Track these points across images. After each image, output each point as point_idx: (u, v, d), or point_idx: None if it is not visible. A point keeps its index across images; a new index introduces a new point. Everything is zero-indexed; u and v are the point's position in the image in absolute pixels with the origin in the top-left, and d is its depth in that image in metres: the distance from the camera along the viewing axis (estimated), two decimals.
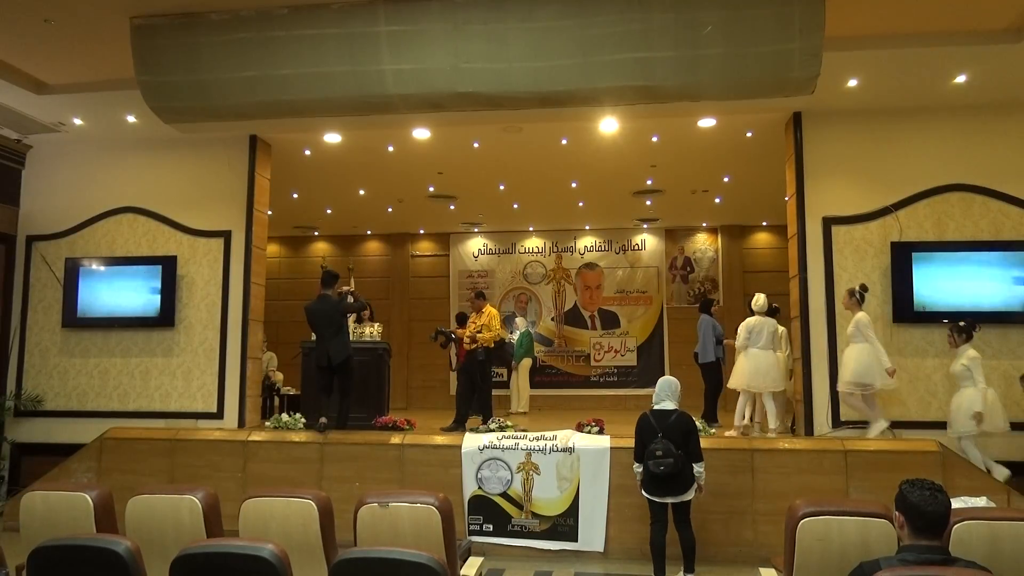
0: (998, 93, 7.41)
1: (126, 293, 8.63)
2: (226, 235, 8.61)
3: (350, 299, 8.08)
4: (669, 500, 5.60)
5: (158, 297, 8.52)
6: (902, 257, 7.57)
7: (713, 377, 8.99)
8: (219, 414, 8.31)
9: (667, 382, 5.84)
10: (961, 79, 7.08)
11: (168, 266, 8.56)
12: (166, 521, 3.83)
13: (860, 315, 7.10)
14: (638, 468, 5.70)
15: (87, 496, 3.88)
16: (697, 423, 7.09)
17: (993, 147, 7.67)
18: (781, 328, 8.10)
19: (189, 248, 8.69)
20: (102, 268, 8.74)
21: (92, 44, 6.73)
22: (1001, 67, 6.84)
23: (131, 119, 8.15)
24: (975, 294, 7.48)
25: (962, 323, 6.84)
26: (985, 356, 6.90)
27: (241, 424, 8.24)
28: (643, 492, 5.68)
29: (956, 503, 3.96)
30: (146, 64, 6.44)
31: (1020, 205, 7.57)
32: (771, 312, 7.88)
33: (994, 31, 6.42)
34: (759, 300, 7.73)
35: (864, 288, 7.27)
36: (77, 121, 8.34)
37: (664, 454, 5.45)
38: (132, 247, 8.81)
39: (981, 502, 5.10)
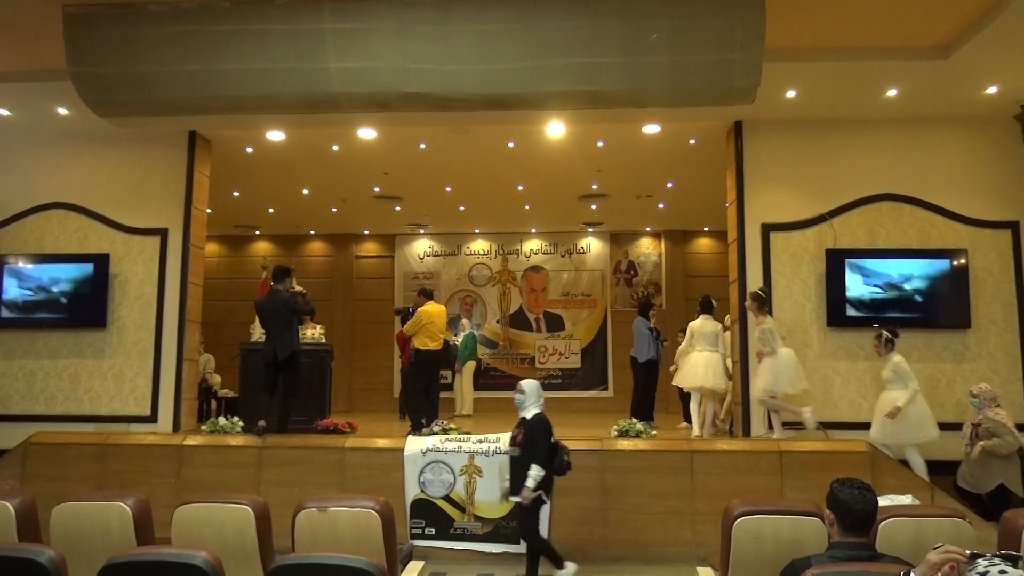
0: (926, 107, 7.73)
1: (55, 292, 8.30)
2: (162, 233, 8.37)
3: (301, 300, 7.87)
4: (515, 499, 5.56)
5: (89, 297, 8.21)
6: (836, 263, 7.83)
7: (650, 377, 9.14)
8: (153, 418, 8.06)
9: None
10: (892, 93, 7.36)
11: (100, 264, 8.27)
12: (94, 529, 3.69)
13: (768, 324, 7.22)
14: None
15: (8, 504, 3.71)
16: (639, 425, 7.25)
17: (921, 159, 8.01)
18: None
19: (123, 246, 8.41)
20: (29, 266, 8.39)
21: (20, 32, 6.44)
22: (929, 83, 7.14)
23: (63, 111, 7.85)
24: (904, 300, 7.78)
25: (885, 334, 6.93)
26: (911, 360, 7.17)
27: (176, 428, 8.01)
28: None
29: (883, 501, 4.10)
30: (79, 55, 6.20)
31: (945, 215, 7.91)
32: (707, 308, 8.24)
33: (923, 48, 6.69)
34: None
35: (764, 291, 7.48)
36: (3, 112, 7.98)
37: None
38: (62, 244, 8.48)
39: (907, 500, 5.28)
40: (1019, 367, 7.67)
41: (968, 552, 2.08)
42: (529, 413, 5.64)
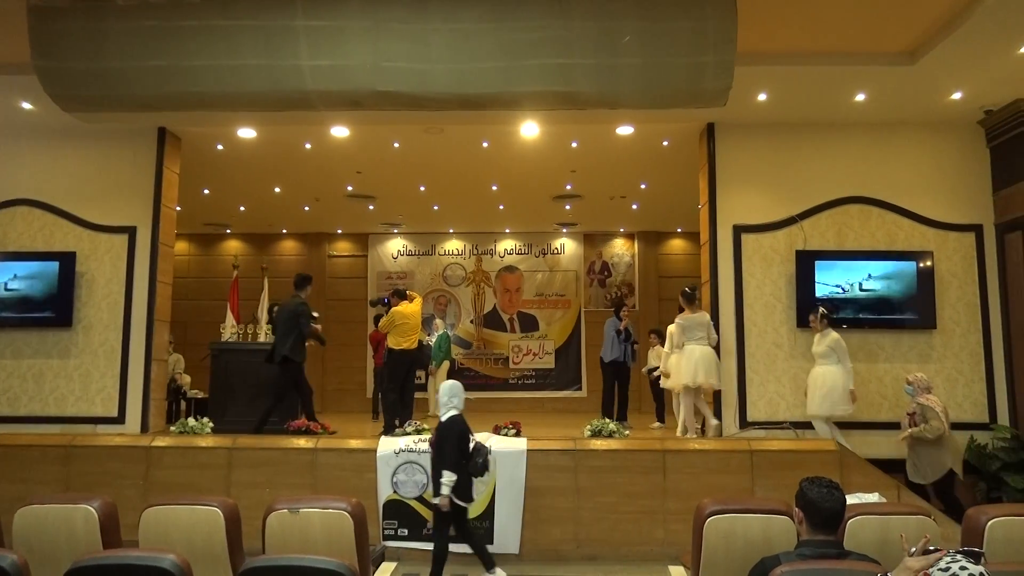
0: (894, 112, 7.87)
1: (19, 291, 8.13)
2: (131, 231, 8.24)
3: (303, 320, 7.83)
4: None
5: (54, 295, 8.05)
6: (806, 265, 7.93)
7: (618, 377, 9.12)
8: (120, 419, 7.93)
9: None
10: (861, 97, 7.47)
11: (66, 262, 8.11)
12: (58, 532, 3.61)
13: (703, 314, 7.60)
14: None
15: None
16: (612, 425, 7.29)
17: (888, 163, 8.15)
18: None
19: (90, 244, 8.26)
20: None
21: None
22: (896, 88, 7.26)
23: (27, 106, 7.68)
24: (872, 301, 7.91)
25: (823, 309, 7.26)
26: (878, 360, 7.31)
27: (144, 429, 7.88)
28: None
29: (851, 499, 4.16)
30: (44, 49, 6.07)
31: (911, 217, 8.06)
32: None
33: (891, 53, 6.81)
34: None
35: (690, 288, 7.81)
36: None
37: None
38: (26, 242, 8.30)
39: (873, 498, 5.38)
40: (982, 367, 7.83)
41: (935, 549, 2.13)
42: (446, 415, 5.57)
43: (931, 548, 2.17)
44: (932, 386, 6.95)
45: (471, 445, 5.63)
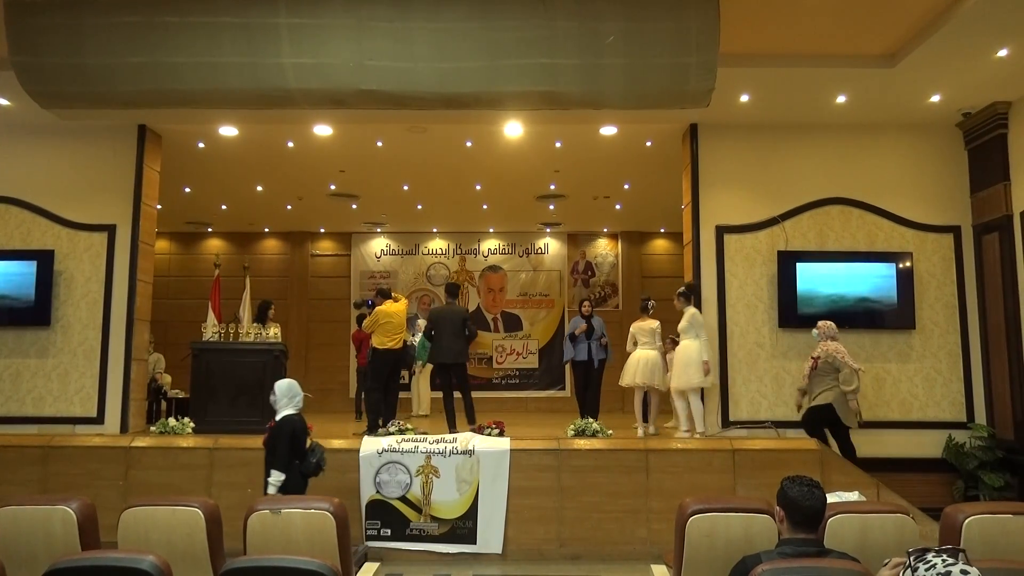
0: (874, 114, 7.95)
1: None
2: (110, 229, 8.15)
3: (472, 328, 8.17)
4: None
5: (32, 294, 7.95)
6: (788, 265, 7.99)
7: (587, 377, 8.77)
8: (99, 419, 7.84)
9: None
10: (842, 99, 7.54)
11: (44, 261, 8.01)
12: (35, 534, 3.56)
13: (653, 322, 8.09)
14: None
15: None
16: (595, 425, 7.31)
17: (868, 164, 8.23)
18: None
19: (69, 242, 8.16)
20: None
21: None
22: (876, 90, 7.34)
23: (4, 102, 7.58)
24: (852, 301, 7.99)
25: (683, 288, 7.74)
26: (858, 359, 7.37)
27: (124, 429, 7.80)
28: None
29: (831, 498, 4.21)
30: (21, 44, 5.99)
31: (891, 218, 8.15)
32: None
33: (871, 56, 6.89)
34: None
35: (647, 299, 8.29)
36: None
37: None
38: (3, 240, 8.19)
39: (853, 496, 5.44)
40: (960, 367, 7.93)
41: (912, 549, 2.15)
42: (280, 415, 5.49)
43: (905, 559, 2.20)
44: (837, 335, 7.19)
45: (307, 444, 5.52)
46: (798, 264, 7.99)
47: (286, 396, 5.51)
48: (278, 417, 5.47)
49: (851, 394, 6.91)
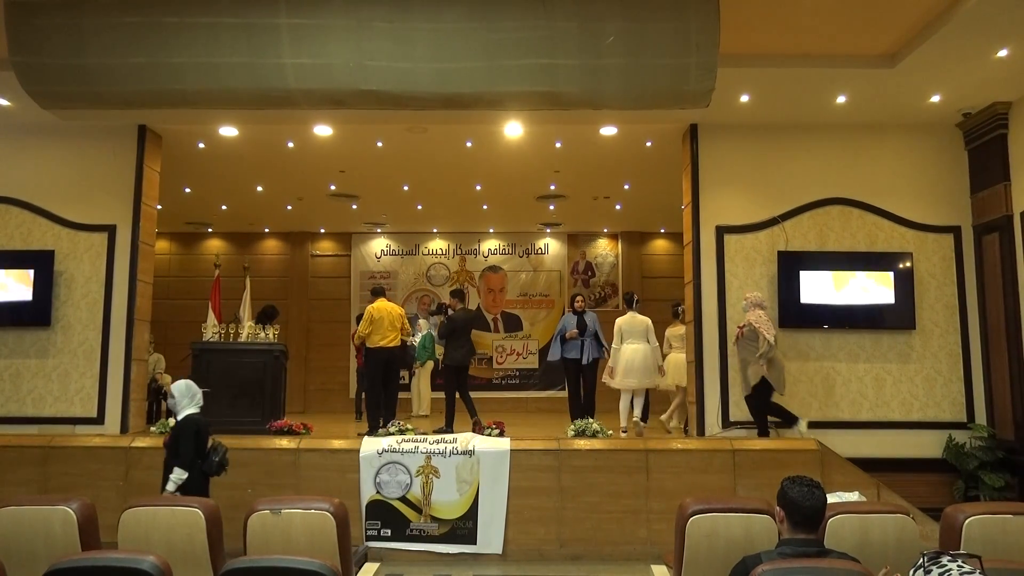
0: (874, 114, 7.95)
1: None
2: (110, 229, 8.14)
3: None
4: None
5: (31, 294, 7.95)
6: (788, 265, 7.99)
7: (576, 376, 8.69)
8: (99, 419, 7.83)
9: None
10: (842, 99, 7.54)
11: (44, 261, 8.00)
12: (36, 535, 3.57)
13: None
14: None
15: None
16: (595, 425, 7.30)
17: (868, 164, 8.23)
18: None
19: (69, 242, 8.16)
20: None
21: None
22: (877, 90, 7.34)
23: (4, 102, 7.58)
24: (853, 301, 7.99)
25: (636, 296, 8.53)
26: (859, 360, 7.38)
27: (124, 430, 7.79)
28: None
29: (831, 498, 4.21)
30: (22, 44, 5.99)
31: (891, 219, 8.14)
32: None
33: (871, 56, 6.88)
34: None
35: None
36: None
37: None
38: (3, 240, 8.18)
39: (854, 497, 5.44)
40: (960, 367, 7.93)
41: (926, 551, 2.12)
42: (182, 415, 5.46)
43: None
44: (765, 305, 7.43)
45: (208, 444, 5.48)
46: (798, 264, 7.98)
47: (186, 396, 5.44)
48: (179, 417, 5.42)
49: (762, 358, 7.07)
